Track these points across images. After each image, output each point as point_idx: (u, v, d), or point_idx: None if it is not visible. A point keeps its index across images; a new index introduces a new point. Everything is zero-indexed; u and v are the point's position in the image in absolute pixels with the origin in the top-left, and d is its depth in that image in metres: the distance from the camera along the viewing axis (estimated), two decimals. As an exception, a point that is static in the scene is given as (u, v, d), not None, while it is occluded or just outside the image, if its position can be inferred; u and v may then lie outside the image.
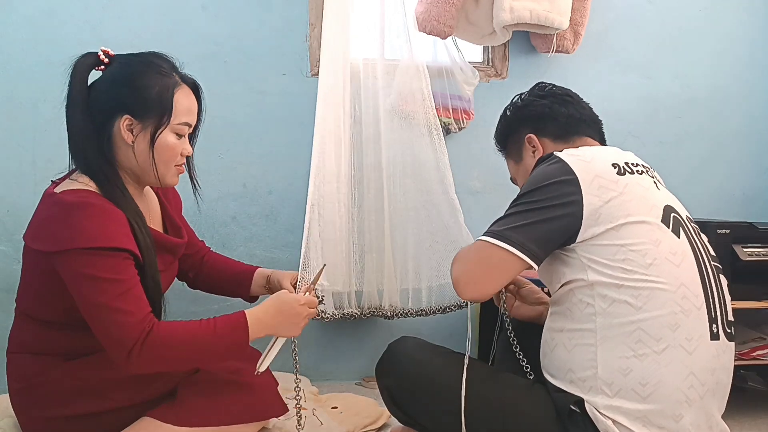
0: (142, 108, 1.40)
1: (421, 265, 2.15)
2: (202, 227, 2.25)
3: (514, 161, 1.65)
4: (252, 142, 2.28)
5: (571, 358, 1.32)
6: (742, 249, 2.01)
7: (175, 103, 1.43)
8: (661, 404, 1.25)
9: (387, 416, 1.88)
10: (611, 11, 2.53)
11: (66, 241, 1.30)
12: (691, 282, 1.29)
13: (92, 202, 1.34)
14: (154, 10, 2.19)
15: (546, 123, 1.55)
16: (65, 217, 1.32)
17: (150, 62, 1.44)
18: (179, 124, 1.44)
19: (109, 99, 1.41)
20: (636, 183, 1.35)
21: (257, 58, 2.27)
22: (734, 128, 2.66)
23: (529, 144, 1.57)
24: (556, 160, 1.38)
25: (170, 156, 1.45)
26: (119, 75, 1.42)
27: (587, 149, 1.43)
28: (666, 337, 1.25)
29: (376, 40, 2.17)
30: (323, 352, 2.35)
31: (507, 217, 1.36)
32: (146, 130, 1.41)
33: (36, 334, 1.44)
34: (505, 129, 1.66)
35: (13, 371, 1.46)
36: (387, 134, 2.14)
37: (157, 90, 1.41)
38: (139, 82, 1.41)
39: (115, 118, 1.40)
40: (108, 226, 1.32)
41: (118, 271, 1.31)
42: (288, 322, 1.44)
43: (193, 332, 1.34)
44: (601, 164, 1.35)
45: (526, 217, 1.33)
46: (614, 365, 1.27)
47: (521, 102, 1.63)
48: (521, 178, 1.61)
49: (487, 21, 2.28)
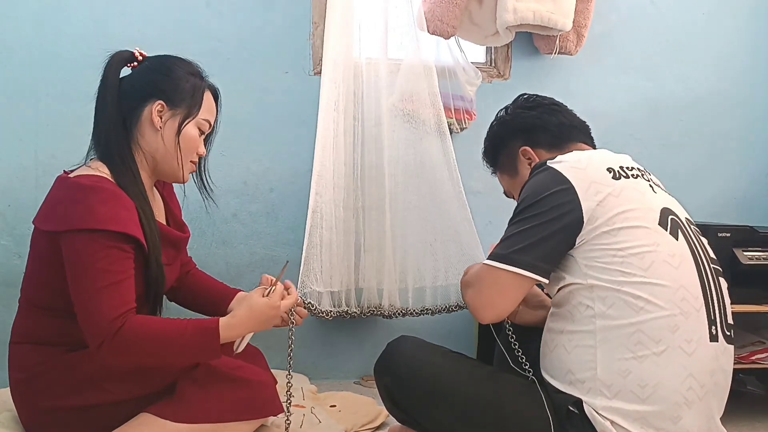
0: (175, 96, 1.49)
1: (423, 265, 2.16)
2: (203, 224, 2.25)
3: (508, 176, 1.65)
4: (254, 140, 2.28)
5: (570, 360, 1.33)
6: (742, 253, 2.01)
7: (204, 100, 1.53)
8: (660, 406, 1.25)
9: (385, 415, 1.88)
10: (614, 13, 2.53)
11: (76, 220, 1.33)
12: (690, 284, 1.30)
13: (105, 186, 1.38)
14: (158, 7, 2.20)
15: (538, 134, 1.56)
16: (78, 198, 1.35)
17: (183, 60, 1.55)
18: (204, 119, 1.54)
19: (144, 84, 1.49)
20: (631, 187, 1.36)
21: (260, 55, 2.27)
22: (736, 131, 2.66)
23: (524, 156, 1.57)
24: (548, 168, 1.39)
25: (191, 148, 1.52)
26: (157, 64, 1.52)
27: (581, 154, 1.43)
28: (665, 339, 1.26)
29: (379, 39, 2.16)
30: (322, 351, 2.35)
31: (511, 237, 1.36)
32: (175, 117, 1.49)
33: (40, 323, 1.45)
34: (496, 144, 1.65)
35: (15, 362, 1.47)
36: (389, 133, 2.13)
37: (190, 83, 1.51)
38: (176, 73, 1.51)
39: (148, 103, 1.48)
40: (118, 211, 1.36)
41: (113, 262, 1.34)
42: (258, 321, 1.45)
43: (164, 331, 1.36)
44: (595, 170, 1.36)
45: (529, 235, 1.33)
46: (613, 367, 1.27)
47: (509, 115, 1.63)
48: (518, 191, 1.59)
49: (491, 22, 2.28)
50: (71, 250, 1.34)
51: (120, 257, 1.35)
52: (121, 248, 1.35)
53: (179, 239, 1.62)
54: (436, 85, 2.14)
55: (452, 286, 2.13)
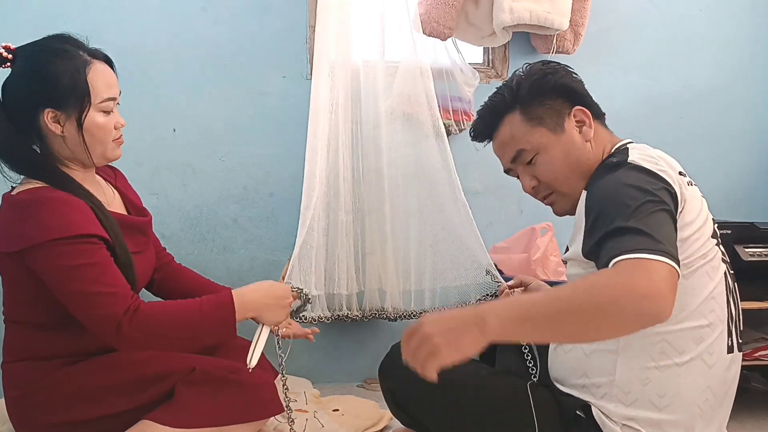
0: (59, 98, 1.38)
1: (424, 267, 2.15)
2: (203, 229, 2.25)
3: (547, 129, 1.38)
4: (253, 145, 2.28)
5: (587, 363, 1.30)
6: (744, 249, 2.00)
7: (91, 83, 1.41)
8: (677, 416, 1.23)
9: (388, 418, 1.88)
10: (612, 12, 2.52)
11: (32, 237, 1.32)
12: (719, 293, 1.26)
13: (49, 195, 1.36)
14: (155, 14, 2.20)
15: (587, 99, 1.42)
16: (26, 215, 1.33)
17: (53, 49, 1.41)
18: (102, 102, 1.43)
19: (24, 97, 1.40)
20: (696, 196, 1.27)
21: (257, 60, 2.27)
22: (736, 128, 2.65)
23: (575, 118, 1.38)
24: (638, 167, 1.22)
25: (104, 134, 1.44)
26: (27, 70, 1.40)
27: (650, 151, 1.31)
28: (689, 350, 1.22)
29: (376, 42, 2.16)
30: (325, 355, 2.35)
31: (643, 232, 1.08)
32: (71, 117, 1.40)
33: (28, 338, 1.44)
34: (542, 88, 1.39)
35: (8, 381, 1.45)
36: (387, 136, 2.14)
37: (68, 76, 1.38)
38: (48, 72, 1.38)
39: (38, 114, 1.39)
40: (70, 214, 1.34)
41: (90, 256, 1.33)
42: (276, 304, 1.43)
43: (179, 309, 1.36)
44: (675, 174, 1.24)
45: (656, 223, 1.11)
46: (633, 374, 1.24)
47: (554, 71, 1.41)
48: (559, 151, 1.37)
49: (487, 22, 2.28)
50: (44, 263, 1.33)
51: (94, 248, 1.35)
52: (89, 242, 1.34)
53: (142, 223, 1.59)
54: (432, 87, 2.13)
55: (452, 288, 2.12)
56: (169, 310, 1.36)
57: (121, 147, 1.51)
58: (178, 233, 2.23)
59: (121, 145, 1.51)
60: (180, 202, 2.24)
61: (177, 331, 1.36)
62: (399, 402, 1.48)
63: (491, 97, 1.48)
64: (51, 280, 1.33)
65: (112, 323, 1.30)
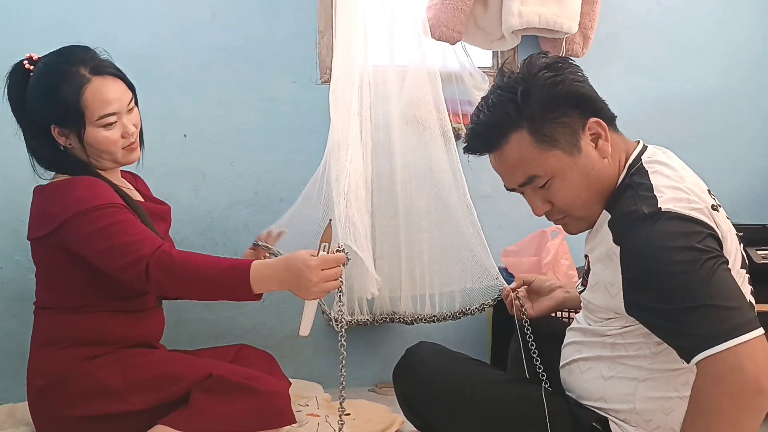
0: (61, 116, 1.48)
1: (435, 271, 2.15)
2: (215, 235, 2.26)
3: (563, 152, 1.23)
4: (263, 150, 2.29)
5: (605, 388, 1.28)
6: (755, 251, 2.00)
7: (85, 103, 1.46)
8: None
9: (400, 422, 1.88)
10: (620, 14, 2.52)
11: (63, 213, 1.42)
12: None
13: (76, 179, 1.48)
14: (165, 20, 2.20)
15: (597, 104, 1.28)
16: (55, 197, 1.45)
17: (56, 71, 1.47)
18: (99, 119, 1.48)
19: (36, 115, 1.51)
20: (726, 228, 1.20)
21: (267, 65, 2.27)
22: (746, 130, 2.65)
23: (590, 131, 1.24)
24: (676, 217, 1.12)
25: (108, 145, 1.51)
26: (36, 89, 1.49)
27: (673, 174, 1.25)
28: None
29: (386, 47, 2.17)
30: (336, 359, 2.34)
31: (715, 306, 1.04)
32: (72, 133, 1.50)
33: (56, 322, 1.51)
34: (553, 103, 1.22)
35: (35, 368, 1.51)
36: (400, 140, 2.14)
37: (64, 98, 1.45)
38: (51, 93, 1.46)
39: (49, 128, 1.51)
40: (95, 189, 1.45)
41: (116, 216, 1.42)
42: (297, 282, 1.35)
43: (201, 260, 1.42)
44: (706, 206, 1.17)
45: (719, 286, 1.07)
46: (655, 403, 1.22)
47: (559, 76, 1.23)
48: (576, 175, 1.24)
49: (496, 26, 2.28)
50: (75, 233, 1.41)
51: (120, 211, 1.44)
52: (115, 207, 1.44)
53: (162, 211, 1.72)
54: (440, 91, 2.13)
55: (457, 291, 2.11)
56: (192, 258, 1.42)
57: (137, 150, 1.58)
58: (190, 238, 2.24)
59: (134, 149, 1.57)
60: (191, 207, 2.24)
61: (196, 279, 1.39)
62: (412, 405, 1.48)
63: (490, 110, 1.27)
64: (83, 247, 1.42)
65: (141, 265, 1.36)
